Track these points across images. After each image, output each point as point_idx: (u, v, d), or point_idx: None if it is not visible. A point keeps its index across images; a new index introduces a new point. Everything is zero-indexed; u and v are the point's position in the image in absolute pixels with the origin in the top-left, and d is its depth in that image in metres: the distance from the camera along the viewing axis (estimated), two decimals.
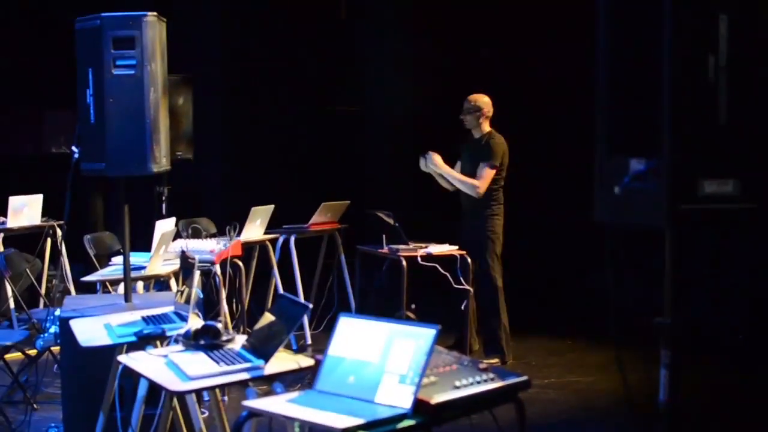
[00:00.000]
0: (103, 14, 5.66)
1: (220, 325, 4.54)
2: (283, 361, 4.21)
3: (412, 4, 12.42)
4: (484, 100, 8.61)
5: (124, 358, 4.49)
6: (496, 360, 8.46)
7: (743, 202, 3.47)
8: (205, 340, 4.46)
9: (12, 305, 8.98)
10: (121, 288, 6.55)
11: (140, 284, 7.05)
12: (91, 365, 5.82)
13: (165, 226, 7.30)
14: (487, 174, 8.47)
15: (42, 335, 7.40)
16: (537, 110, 11.26)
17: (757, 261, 9.01)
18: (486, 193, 8.52)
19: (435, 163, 8.58)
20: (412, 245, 8.47)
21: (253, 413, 3.72)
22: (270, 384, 4.44)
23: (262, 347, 4.23)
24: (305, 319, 8.81)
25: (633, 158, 3.51)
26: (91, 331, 5.09)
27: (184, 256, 5.51)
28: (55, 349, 7.41)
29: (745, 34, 3.45)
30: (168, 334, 4.81)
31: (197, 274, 5.10)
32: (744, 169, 3.47)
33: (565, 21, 10.75)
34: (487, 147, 8.52)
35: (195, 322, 4.68)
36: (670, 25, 3.36)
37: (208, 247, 7.75)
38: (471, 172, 8.55)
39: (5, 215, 9.59)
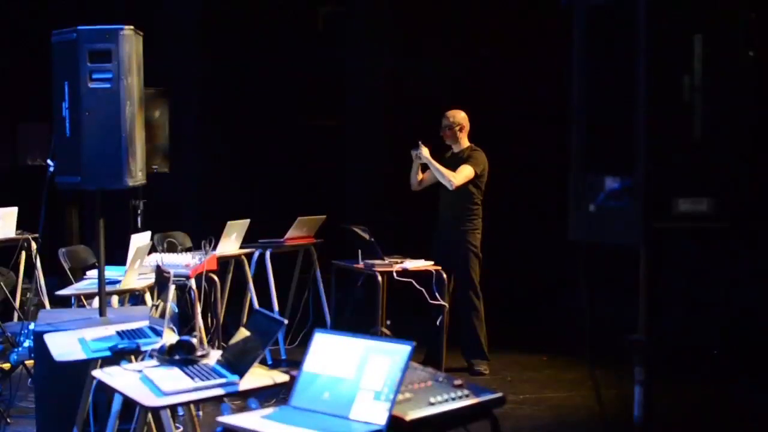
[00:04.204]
0: (79, 27, 5.64)
1: (195, 340, 4.53)
2: (257, 376, 4.20)
3: (392, 15, 12.42)
4: (462, 115, 8.74)
5: (98, 373, 4.48)
6: (485, 366, 8.72)
7: (718, 220, 3.49)
8: (180, 355, 4.45)
9: None
10: (95, 302, 6.53)
11: (115, 298, 7.03)
12: (65, 380, 5.80)
13: (140, 239, 7.27)
14: (465, 171, 8.61)
15: (16, 349, 7.36)
16: (513, 127, 11.27)
17: (730, 276, 9.06)
18: (466, 207, 8.66)
19: (422, 154, 8.64)
20: (387, 260, 8.48)
21: (228, 429, 3.72)
22: (245, 399, 4.44)
23: (237, 363, 4.22)
24: (280, 334, 8.81)
25: (608, 176, 3.53)
26: (66, 345, 5.08)
27: (159, 271, 5.50)
28: (29, 363, 7.37)
29: (720, 54, 3.47)
30: (143, 348, 4.80)
31: (172, 289, 5.09)
32: (719, 187, 3.49)
33: (540, 38, 10.79)
34: (469, 157, 8.63)
35: (170, 337, 4.67)
36: (645, 44, 3.38)
37: (183, 262, 7.73)
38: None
39: None
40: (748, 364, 8.53)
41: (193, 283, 7.56)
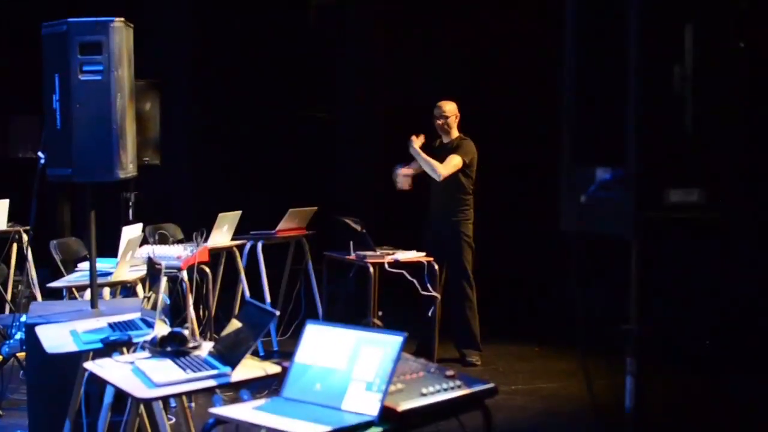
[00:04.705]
0: (69, 19, 5.62)
1: (186, 332, 4.53)
2: (249, 368, 4.20)
3: (382, 10, 12.41)
4: (453, 105, 8.80)
5: (90, 365, 4.48)
6: (477, 356, 8.77)
7: (708, 210, 3.49)
8: (172, 347, 4.44)
9: None
10: (87, 294, 6.52)
11: (107, 290, 7.02)
12: (57, 372, 5.80)
13: (132, 231, 7.26)
14: (453, 161, 8.62)
15: (7, 341, 7.34)
16: (505, 118, 11.28)
17: (722, 267, 9.06)
18: (458, 197, 8.68)
19: (412, 146, 8.67)
20: (379, 252, 8.48)
21: (220, 420, 3.71)
22: (237, 391, 4.44)
23: (229, 354, 4.22)
24: (272, 326, 8.81)
25: (599, 167, 3.53)
26: (57, 337, 5.07)
27: (150, 262, 5.50)
28: (21, 355, 7.36)
29: (710, 44, 3.47)
30: (134, 340, 4.80)
31: (164, 281, 5.08)
32: (709, 178, 3.49)
33: (532, 30, 10.79)
34: (458, 146, 8.65)
35: (162, 329, 4.67)
36: (635, 35, 3.38)
37: (175, 253, 7.72)
38: None
39: None
40: (740, 355, 8.54)
41: (184, 274, 7.55)
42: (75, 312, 5.90)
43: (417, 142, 8.65)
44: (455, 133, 8.79)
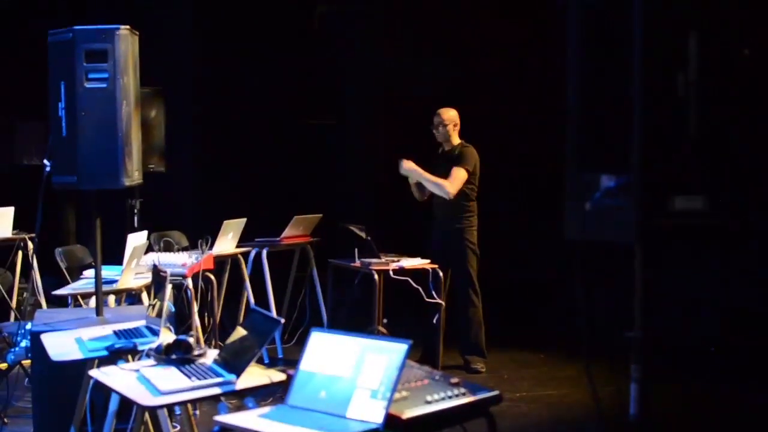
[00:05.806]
0: (75, 27, 5.64)
1: (191, 340, 4.53)
2: (254, 375, 4.21)
3: (387, 14, 12.42)
4: (453, 113, 8.79)
5: (95, 373, 4.48)
6: (482, 364, 8.75)
7: (712, 217, 3.49)
8: (177, 355, 4.45)
9: None
10: (92, 301, 6.52)
11: (112, 298, 7.02)
12: (62, 379, 5.80)
13: (137, 239, 7.27)
14: (459, 175, 8.59)
15: (13, 349, 7.34)
16: (509, 125, 11.28)
17: (727, 273, 9.06)
18: (461, 204, 8.66)
19: (406, 168, 8.67)
20: (384, 259, 8.48)
21: (225, 428, 3.72)
22: (242, 398, 4.44)
23: (234, 362, 4.23)
24: (277, 333, 8.81)
25: (604, 174, 3.53)
26: (63, 345, 5.07)
27: (155, 270, 5.50)
28: (26, 362, 7.36)
29: (715, 51, 3.47)
30: (140, 348, 4.80)
31: (169, 288, 5.09)
32: (714, 185, 3.49)
33: (536, 38, 10.80)
34: (460, 155, 8.63)
35: (167, 337, 4.68)
36: (640, 42, 3.39)
37: (180, 261, 7.72)
38: None
39: None
40: (745, 363, 8.53)
41: (189, 282, 7.56)
42: (80, 319, 5.91)
43: (410, 163, 8.68)
44: (456, 140, 8.79)
